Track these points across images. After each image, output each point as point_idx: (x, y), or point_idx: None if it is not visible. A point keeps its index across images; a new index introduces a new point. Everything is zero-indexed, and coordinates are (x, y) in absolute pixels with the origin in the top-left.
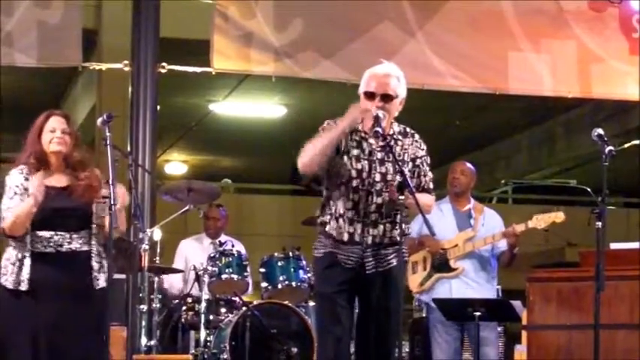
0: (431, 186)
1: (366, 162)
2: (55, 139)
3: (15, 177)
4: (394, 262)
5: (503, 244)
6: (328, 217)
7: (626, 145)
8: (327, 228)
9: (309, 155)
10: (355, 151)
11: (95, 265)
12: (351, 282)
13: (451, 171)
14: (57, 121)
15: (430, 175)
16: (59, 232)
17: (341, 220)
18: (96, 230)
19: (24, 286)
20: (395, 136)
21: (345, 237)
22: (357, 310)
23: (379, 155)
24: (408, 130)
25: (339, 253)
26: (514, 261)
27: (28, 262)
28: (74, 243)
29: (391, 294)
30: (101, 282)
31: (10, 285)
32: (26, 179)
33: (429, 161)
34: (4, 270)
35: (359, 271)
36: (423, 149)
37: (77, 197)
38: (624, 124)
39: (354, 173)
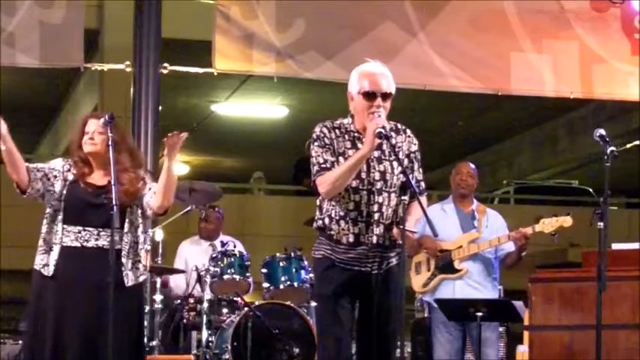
0: (422, 186)
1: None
2: (88, 140)
3: (57, 161)
4: (394, 261)
5: (507, 246)
6: (328, 219)
7: (628, 146)
8: (328, 232)
9: (331, 184)
10: (350, 152)
11: (127, 262)
12: (351, 282)
13: (457, 172)
14: (92, 124)
15: (421, 172)
16: (87, 228)
17: (343, 222)
18: (128, 229)
19: (46, 271)
20: (387, 134)
21: (351, 238)
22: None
23: (376, 154)
24: (399, 126)
25: (339, 257)
26: (518, 264)
27: (57, 249)
28: (101, 240)
29: (392, 294)
30: (133, 279)
31: (37, 267)
32: (68, 170)
33: (419, 157)
34: (37, 252)
35: (360, 271)
36: (415, 144)
37: (103, 195)
38: (626, 124)
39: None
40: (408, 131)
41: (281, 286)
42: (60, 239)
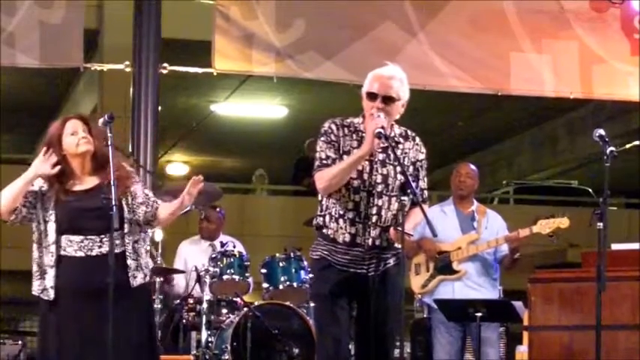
0: (426, 195)
1: (367, 162)
2: (82, 139)
3: (38, 181)
4: (391, 262)
5: (505, 248)
6: (328, 217)
7: (628, 146)
8: (326, 231)
9: (328, 181)
10: (355, 151)
11: (131, 263)
12: (348, 283)
13: (456, 174)
14: (75, 124)
15: (425, 181)
16: (89, 237)
17: (341, 221)
18: (128, 229)
19: (46, 295)
20: (396, 139)
21: (347, 238)
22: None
23: (380, 156)
24: (409, 132)
25: (336, 258)
26: (516, 265)
27: (52, 270)
28: (104, 247)
29: (389, 294)
30: (139, 279)
31: (36, 293)
32: (43, 186)
33: (426, 165)
34: (33, 277)
35: (356, 273)
36: (423, 152)
37: (102, 195)
38: (626, 124)
39: (354, 173)
40: (417, 139)
41: (280, 287)
42: (55, 255)
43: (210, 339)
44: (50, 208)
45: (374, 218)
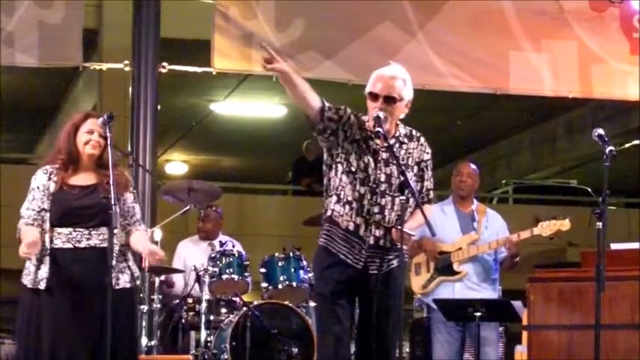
0: (431, 195)
1: (371, 160)
2: (92, 141)
3: (39, 178)
4: (394, 262)
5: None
6: (335, 198)
7: (627, 145)
8: (330, 213)
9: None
10: (363, 145)
11: (115, 264)
12: (350, 281)
13: (457, 173)
14: (94, 124)
15: (431, 181)
16: (78, 229)
17: (348, 207)
18: (117, 231)
19: (42, 285)
20: (400, 139)
21: (351, 226)
22: (357, 310)
23: (384, 155)
24: (414, 132)
25: (337, 247)
26: (515, 267)
27: (47, 260)
28: (93, 239)
29: (391, 294)
30: (122, 282)
31: (29, 284)
32: (49, 179)
33: (431, 166)
34: (26, 270)
35: (359, 270)
36: (428, 152)
37: (102, 195)
38: (625, 124)
39: (361, 164)
40: (422, 139)
41: (280, 286)
42: (48, 247)
43: (209, 338)
44: (49, 200)
45: (376, 217)
